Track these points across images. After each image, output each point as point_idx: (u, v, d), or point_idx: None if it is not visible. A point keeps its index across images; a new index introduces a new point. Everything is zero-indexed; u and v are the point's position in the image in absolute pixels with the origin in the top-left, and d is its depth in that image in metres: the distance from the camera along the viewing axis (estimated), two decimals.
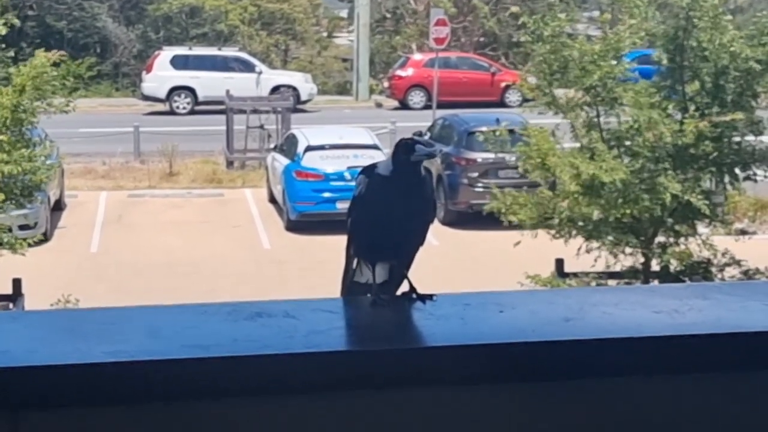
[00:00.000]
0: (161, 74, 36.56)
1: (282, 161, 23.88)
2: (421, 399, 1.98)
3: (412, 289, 2.32)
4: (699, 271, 15.47)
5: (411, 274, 2.39)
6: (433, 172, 2.59)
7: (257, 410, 1.93)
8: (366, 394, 1.96)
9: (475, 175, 22.68)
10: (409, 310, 2.25)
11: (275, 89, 35.87)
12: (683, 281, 15.55)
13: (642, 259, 15.52)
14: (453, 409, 2.00)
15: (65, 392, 1.88)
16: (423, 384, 1.98)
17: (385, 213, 2.31)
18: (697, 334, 2.08)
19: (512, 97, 35.22)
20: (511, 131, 16.44)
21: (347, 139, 23.97)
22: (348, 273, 2.39)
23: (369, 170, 2.36)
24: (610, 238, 15.20)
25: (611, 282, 15.32)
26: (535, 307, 2.26)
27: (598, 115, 15.53)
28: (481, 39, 43.88)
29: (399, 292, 2.35)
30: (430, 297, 2.28)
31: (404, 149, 2.31)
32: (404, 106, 37.44)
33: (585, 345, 2.04)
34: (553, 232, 15.48)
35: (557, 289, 11.84)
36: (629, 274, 15.52)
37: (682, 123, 14.94)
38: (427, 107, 34.58)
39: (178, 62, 36.97)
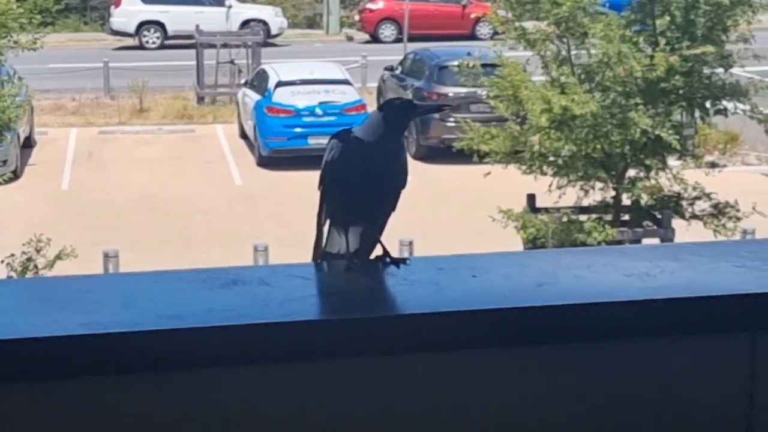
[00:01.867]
0: (130, 8, 36.19)
1: (253, 97, 23.78)
2: (396, 367, 2.00)
3: (386, 253, 2.32)
4: (669, 205, 15.55)
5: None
6: None
7: (233, 381, 1.94)
8: (341, 362, 1.98)
9: (447, 109, 22.60)
10: (383, 275, 2.25)
11: (245, 23, 35.59)
12: (654, 215, 15.63)
13: (613, 194, 15.57)
14: (428, 376, 2.01)
15: (41, 365, 1.89)
16: (398, 352, 2.00)
17: (364, 178, 2.31)
18: (668, 298, 2.10)
19: (483, 30, 35.03)
20: (484, 65, 16.39)
21: (318, 74, 23.88)
22: (319, 240, 2.38)
23: (344, 135, 2.35)
24: (581, 173, 15.23)
25: (582, 217, 15.37)
26: (508, 270, 2.27)
27: (569, 49, 15.51)
28: None
29: (372, 257, 2.36)
30: (403, 261, 2.28)
31: (405, 107, 2.32)
32: (375, 39, 37.20)
33: (557, 311, 2.05)
34: (524, 167, 15.50)
35: (530, 251, 11.83)
36: (600, 209, 15.57)
37: (652, 57, 14.93)
38: (398, 40, 34.37)
39: None
